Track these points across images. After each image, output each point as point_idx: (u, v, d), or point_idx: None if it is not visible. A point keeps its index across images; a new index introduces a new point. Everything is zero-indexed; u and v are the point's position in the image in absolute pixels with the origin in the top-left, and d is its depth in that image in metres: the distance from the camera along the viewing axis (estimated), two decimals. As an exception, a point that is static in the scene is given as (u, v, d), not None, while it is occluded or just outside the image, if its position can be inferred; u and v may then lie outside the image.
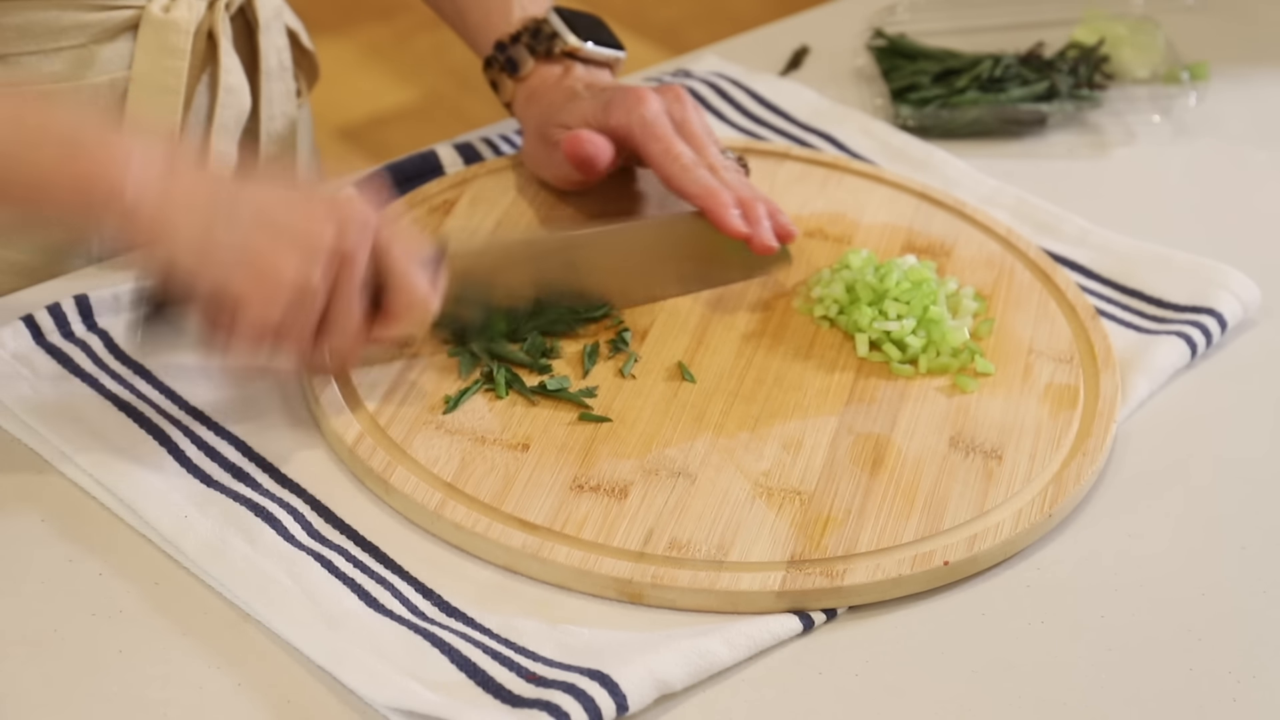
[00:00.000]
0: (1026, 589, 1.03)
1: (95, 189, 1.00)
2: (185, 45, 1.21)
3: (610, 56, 1.28)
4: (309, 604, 0.98)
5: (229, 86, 1.25)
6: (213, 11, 1.24)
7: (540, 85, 1.26)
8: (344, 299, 1.03)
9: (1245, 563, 1.06)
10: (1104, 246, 1.28)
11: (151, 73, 1.21)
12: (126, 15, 1.20)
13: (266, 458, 1.07)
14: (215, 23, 1.24)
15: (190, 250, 1.00)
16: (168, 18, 1.21)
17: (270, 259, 1.01)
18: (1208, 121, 1.44)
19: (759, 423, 1.10)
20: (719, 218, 1.17)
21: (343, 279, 1.02)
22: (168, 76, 1.21)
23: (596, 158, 1.20)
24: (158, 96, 1.21)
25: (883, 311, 1.16)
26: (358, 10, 3.25)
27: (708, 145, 1.20)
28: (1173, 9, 1.53)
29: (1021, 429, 1.11)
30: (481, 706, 0.92)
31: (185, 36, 1.21)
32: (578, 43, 1.26)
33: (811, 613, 1.00)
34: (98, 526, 1.03)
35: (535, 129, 1.25)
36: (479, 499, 1.04)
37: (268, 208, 1.02)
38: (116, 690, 0.94)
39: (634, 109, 1.19)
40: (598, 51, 1.27)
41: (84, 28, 1.18)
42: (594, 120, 1.21)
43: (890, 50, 1.47)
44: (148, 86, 1.21)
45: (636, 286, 1.18)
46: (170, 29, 1.21)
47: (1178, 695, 0.98)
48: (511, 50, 1.27)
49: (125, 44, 1.21)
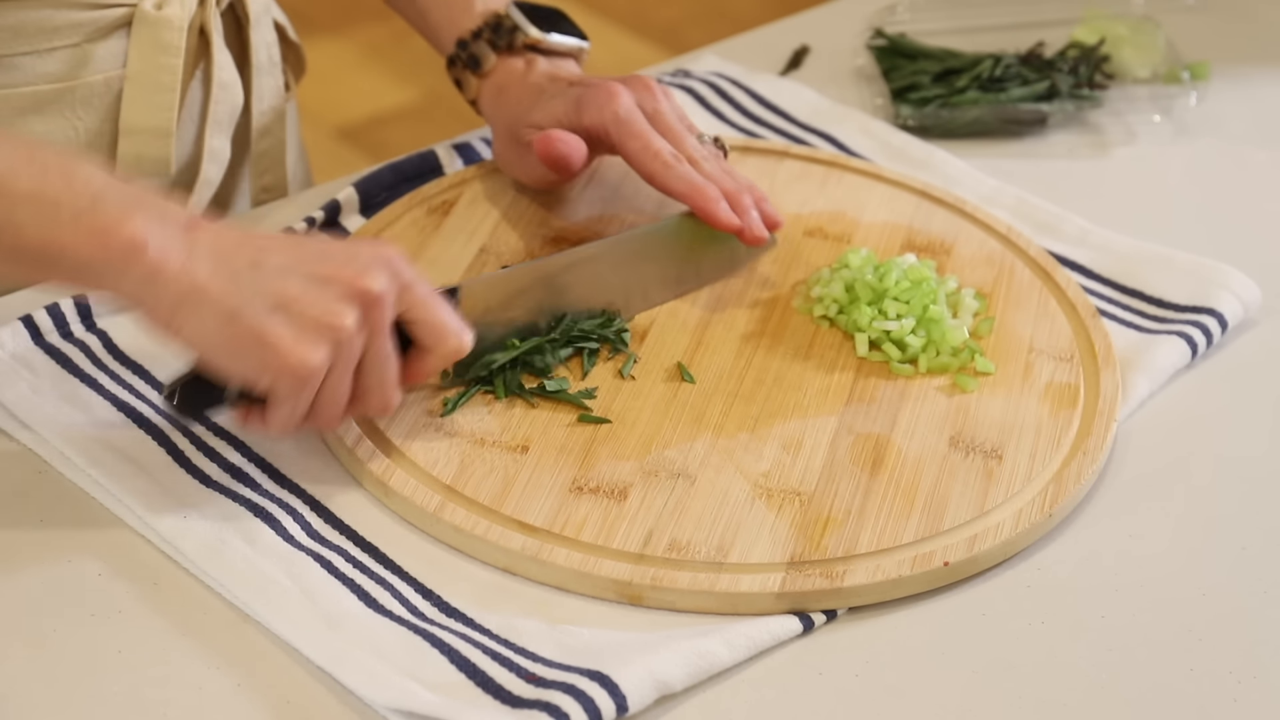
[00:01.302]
0: (1027, 589, 1.03)
1: (113, 242, 0.95)
2: (179, 42, 1.21)
3: (573, 47, 1.27)
4: (308, 604, 0.98)
5: (222, 82, 1.25)
6: (204, 8, 1.24)
7: (505, 80, 1.25)
8: (379, 343, 1.00)
9: (1245, 563, 1.06)
10: (1104, 246, 1.28)
11: (146, 70, 1.21)
12: (119, 13, 1.20)
13: (266, 458, 1.07)
14: (207, 19, 1.24)
15: (216, 326, 0.96)
16: (160, 15, 1.21)
17: (299, 321, 0.97)
18: (1208, 121, 1.44)
19: (759, 423, 1.10)
20: (709, 213, 1.16)
21: (376, 323, 1.00)
22: (162, 74, 1.21)
23: (570, 157, 1.19)
24: (153, 94, 1.21)
25: (882, 311, 1.16)
26: (357, 10, 3.25)
27: (684, 136, 1.20)
28: (1173, 9, 1.53)
29: (1022, 428, 1.11)
30: (481, 707, 0.92)
31: (179, 33, 1.21)
32: (540, 35, 1.25)
33: (811, 613, 1.00)
34: (97, 526, 1.02)
35: (505, 130, 1.24)
36: (478, 501, 1.03)
37: (293, 256, 0.99)
38: (116, 690, 0.94)
39: (606, 106, 1.19)
40: (560, 42, 1.26)
41: (77, 27, 1.18)
42: (566, 119, 1.20)
43: (890, 50, 1.47)
44: (143, 84, 1.21)
45: (635, 296, 1.17)
46: (163, 26, 1.21)
47: (1178, 695, 0.98)
48: (473, 46, 1.26)
49: (119, 42, 1.21)
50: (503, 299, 1.12)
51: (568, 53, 1.27)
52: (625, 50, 3.24)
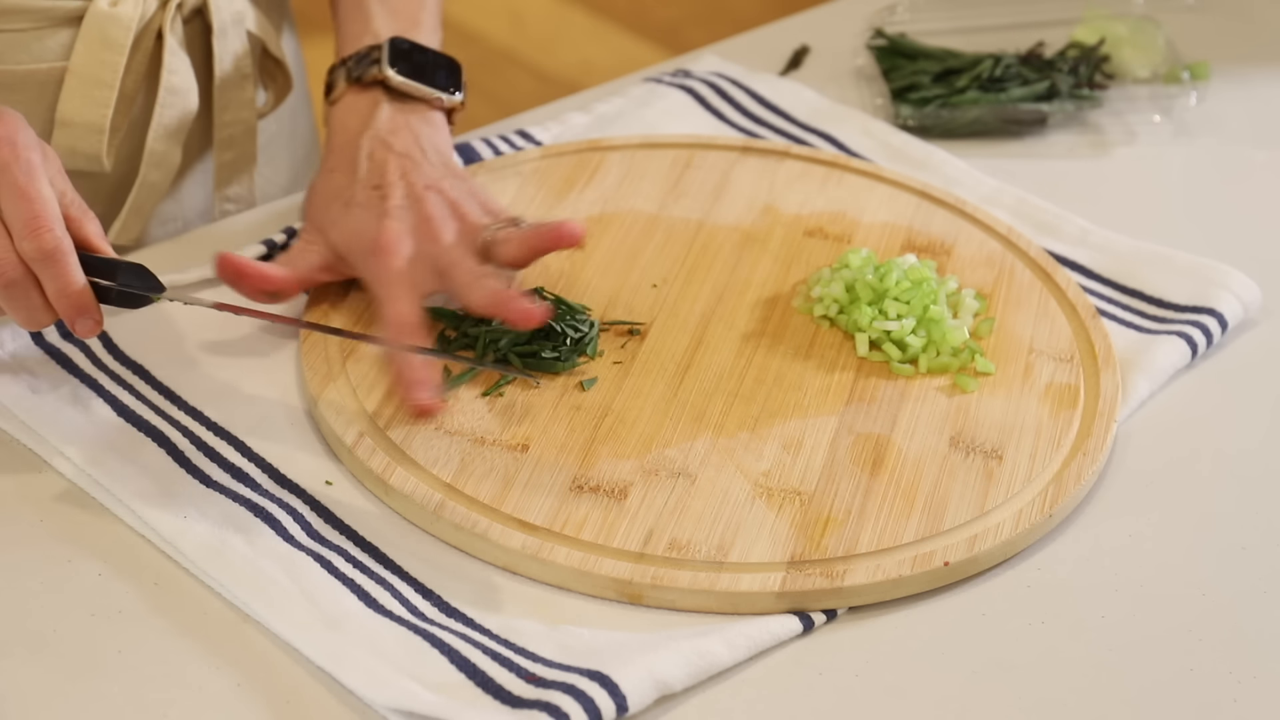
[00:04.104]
0: (1027, 589, 1.03)
1: None
2: (125, 40, 1.20)
3: (426, 93, 1.21)
4: (308, 604, 0.98)
5: (171, 87, 1.23)
6: (164, 10, 1.23)
7: (340, 117, 1.21)
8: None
9: (1245, 562, 1.06)
10: (1104, 246, 1.28)
11: (88, 65, 1.20)
12: (73, 7, 1.20)
13: (266, 458, 1.07)
14: (165, 22, 1.22)
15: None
16: (113, 12, 1.20)
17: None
18: (1208, 121, 1.44)
19: (759, 423, 1.10)
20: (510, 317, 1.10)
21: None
22: (104, 70, 1.20)
23: (261, 291, 1.15)
24: (91, 89, 1.20)
25: (883, 311, 1.16)
26: (357, 10, 3.24)
27: (458, 262, 1.13)
28: (1173, 9, 1.53)
29: (1022, 429, 1.11)
30: (481, 707, 0.92)
31: (126, 32, 1.20)
32: (390, 72, 1.20)
33: (811, 613, 1.00)
34: (97, 527, 1.03)
35: (311, 210, 1.19)
36: (478, 499, 1.04)
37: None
38: (116, 690, 0.94)
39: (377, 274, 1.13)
40: (410, 85, 1.20)
41: (29, 13, 1.18)
42: (330, 264, 1.16)
43: (890, 50, 1.47)
44: (83, 78, 1.20)
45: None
46: (113, 23, 1.20)
47: (1178, 695, 0.98)
48: (335, 73, 1.23)
49: (68, 35, 1.20)
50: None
51: (421, 98, 1.21)
52: (625, 50, 3.23)
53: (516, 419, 1.09)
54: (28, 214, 1.02)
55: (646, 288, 1.20)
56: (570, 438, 1.08)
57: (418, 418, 1.08)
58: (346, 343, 1.13)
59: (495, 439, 1.07)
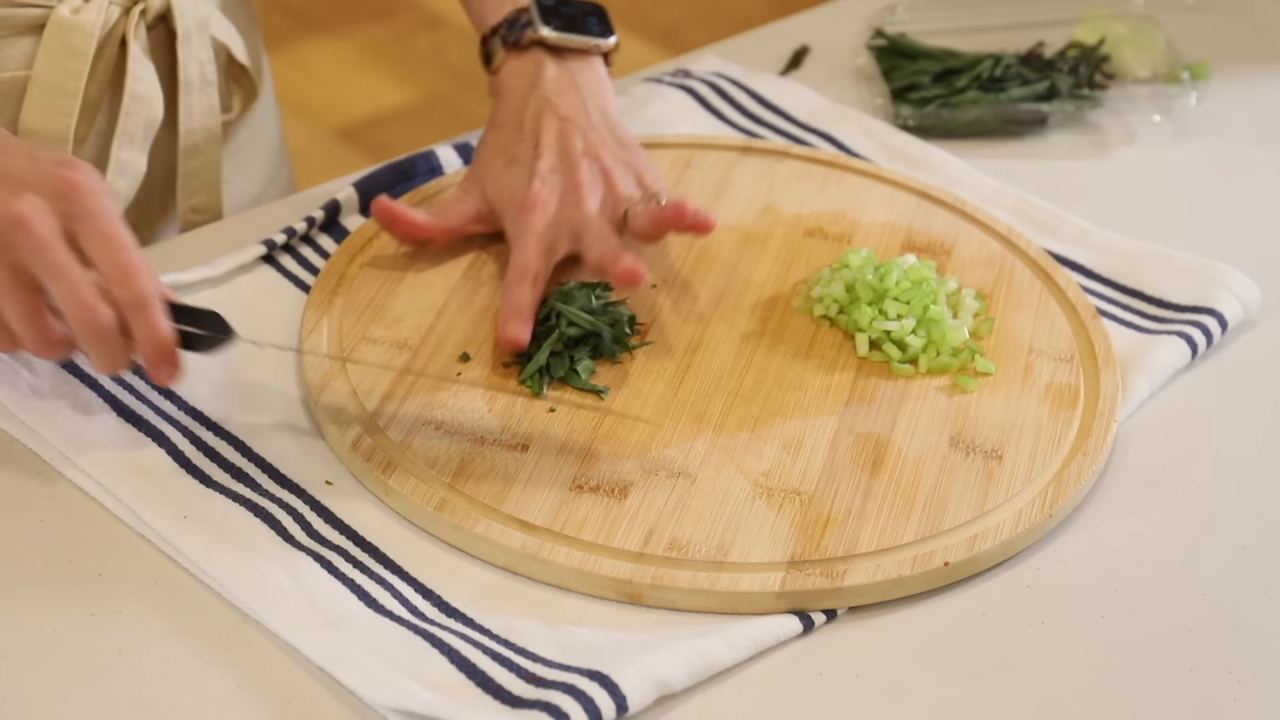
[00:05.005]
0: (1027, 589, 1.03)
1: None
2: (88, 48, 1.19)
3: (584, 44, 1.24)
4: (308, 605, 0.98)
5: (136, 94, 1.22)
6: (128, 17, 1.22)
7: (507, 82, 1.24)
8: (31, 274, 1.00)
9: (1245, 563, 1.06)
10: (1104, 246, 1.28)
11: (51, 73, 1.19)
12: (34, 14, 1.19)
13: (266, 458, 1.07)
14: (128, 29, 1.21)
15: None
16: (74, 19, 1.19)
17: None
18: (1208, 121, 1.44)
19: (759, 423, 1.10)
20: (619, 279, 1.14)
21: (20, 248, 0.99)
22: (66, 79, 1.19)
23: (412, 236, 1.20)
24: (54, 98, 1.20)
25: (883, 311, 1.16)
26: (356, 10, 3.25)
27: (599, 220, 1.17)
28: (1173, 9, 1.53)
29: (1022, 429, 1.11)
30: (481, 707, 0.92)
31: (89, 39, 1.19)
32: (547, 32, 1.23)
33: (811, 613, 1.00)
34: (97, 527, 1.02)
35: (477, 162, 1.22)
36: (478, 499, 1.04)
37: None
38: (116, 690, 0.94)
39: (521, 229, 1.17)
40: (565, 38, 1.23)
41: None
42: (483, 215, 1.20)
43: (890, 50, 1.47)
44: (46, 87, 1.19)
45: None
46: (75, 31, 1.19)
47: (1178, 695, 0.98)
48: (490, 42, 1.25)
49: (30, 43, 1.20)
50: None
51: (580, 49, 1.24)
52: (625, 50, 3.25)
53: (516, 419, 1.09)
54: (119, 260, 1.00)
55: (646, 288, 1.20)
56: (570, 438, 1.08)
57: (504, 348, 1.11)
58: (346, 343, 1.13)
59: (495, 439, 1.07)
